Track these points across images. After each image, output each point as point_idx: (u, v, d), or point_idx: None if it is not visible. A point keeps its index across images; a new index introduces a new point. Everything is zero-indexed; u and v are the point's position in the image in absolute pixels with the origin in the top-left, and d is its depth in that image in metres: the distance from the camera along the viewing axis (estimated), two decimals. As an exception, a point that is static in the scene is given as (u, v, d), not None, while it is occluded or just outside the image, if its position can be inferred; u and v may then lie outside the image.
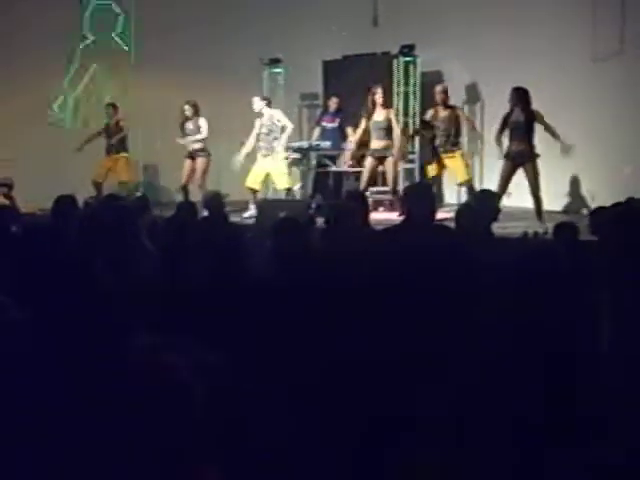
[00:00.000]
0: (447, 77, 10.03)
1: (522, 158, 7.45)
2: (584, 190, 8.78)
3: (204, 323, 2.47)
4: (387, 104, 8.47)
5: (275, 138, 8.88)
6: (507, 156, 7.53)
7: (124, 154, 9.50)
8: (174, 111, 9.33)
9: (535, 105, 7.60)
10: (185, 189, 9.04)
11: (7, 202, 6.82)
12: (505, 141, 7.63)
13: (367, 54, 10.47)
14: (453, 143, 8.30)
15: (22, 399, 1.59)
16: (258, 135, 8.93)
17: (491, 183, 7.86)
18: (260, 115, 8.98)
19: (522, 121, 7.46)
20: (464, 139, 8.89)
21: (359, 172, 9.26)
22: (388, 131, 8.36)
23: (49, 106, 10.67)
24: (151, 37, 10.41)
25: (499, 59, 9.59)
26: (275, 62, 10.74)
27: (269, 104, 9.11)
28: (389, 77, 9.88)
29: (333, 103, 9.95)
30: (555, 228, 4.53)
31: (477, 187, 8.39)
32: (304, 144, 9.76)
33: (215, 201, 5.72)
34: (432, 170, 8.43)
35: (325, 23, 10.83)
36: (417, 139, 9.99)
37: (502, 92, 8.98)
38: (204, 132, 9.08)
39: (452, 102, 8.67)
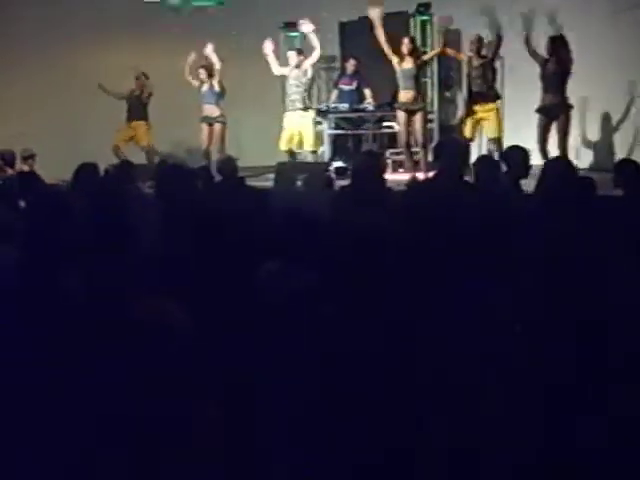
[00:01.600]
0: (465, 34, 9.89)
1: (557, 111, 7.41)
2: (602, 145, 8.68)
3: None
4: (416, 53, 8.29)
5: (305, 91, 8.78)
6: (542, 109, 7.50)
7: (143, 121, 9.55)
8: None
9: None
10: (207, 154, 9.07)
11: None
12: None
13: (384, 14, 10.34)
14: (492, 93, 8.02)
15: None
16: (290, 87, 8.85)
17: (512, 140, 7.81)
18: (292, 69, 8.90)
19: (557, 73, 7.43)
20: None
21: (378, 134, 9.25)
22: (416, 81, 8.23)
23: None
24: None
25: (516, 14, 9.44)
26: (291, 25, 10.67)
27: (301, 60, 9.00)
28: (406, 36, 9.75)
29: (351, 65, 9.85)
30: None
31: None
32: (322, 106, 9.74)
33: (228, 166, 5.75)
34: (468, 130, 8.08)
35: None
36: (436, 99, 9.93)
37: (521, 48, 8.90)
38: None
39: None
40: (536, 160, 7.51)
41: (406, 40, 8.17)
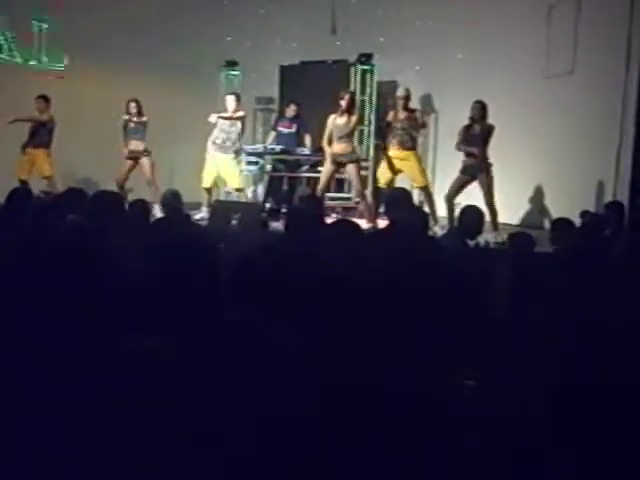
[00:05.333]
0: (402, 87, 10.12)
1: (476, 170, 7.65)
2: (533, 204, 8.96)
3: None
4: (351, 110, 8.37)
5: (229, 139, 8.86)
6: (463, 169, 7.75)
7: (43, 149, 8.97)
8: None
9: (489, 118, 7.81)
10: (122, 188, 8.90)
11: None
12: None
13: (324, 61, 10.52)
14: (410, 143, 8.17)
15: None
16: (220, 131, 8.89)
17: (443, 192, 8.00)
18: (225, 111, 8.95)
19: (478, 134, 7.71)
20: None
21: (312, 177, 9.31)
22: (350, 137, 8.31)
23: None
24: (104, 36, 10.27)
25: (454, 71, 9.77)
26: (232, 65, 10.74)
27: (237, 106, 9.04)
28: (346, 85, 9.93)
29: (291, 110, 9.83)
30: (509, 238, 4.63)
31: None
32: (259, 147, 9.76)
33: (174, 200, 5.64)
34: (383, 177, 8.26)
35: (283, 28, 10.88)
36: (371, 146, 10.09)
37: (456, 104, 9.17)
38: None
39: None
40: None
41: (347, 97, 8.23)
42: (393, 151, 8.17)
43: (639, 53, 7.43)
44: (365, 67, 10.15)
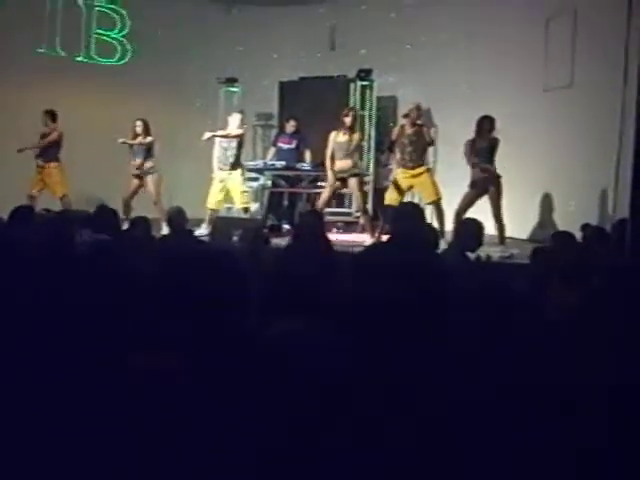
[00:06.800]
0: (402, 102, 10.18)
1: (487, 184, 7.64)
2: (533, 217, 8.96)
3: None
4: (353, 128, 8.39)
5: (232, 154, 8.88)
6: (472, 184, 7.72)
7: (54, 163, 8.96)
8: (125, 129, 9.19)
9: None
10: (128, 205, 8.92)
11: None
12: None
13: (324, 77, 10.57)
14: (420, 160, 8.05)
15: None
16: (220, 149, 8.91)
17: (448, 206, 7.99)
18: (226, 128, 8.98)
19: (486, 147, 7.69)
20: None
21: (312, 193, 9.32)
22: (352, 153, 8.29)
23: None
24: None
25: (453, 86, 9.81)
26: (231, 81, 10.78)
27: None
28: (346, 100, 9.97)
29: (290, 126, 9.84)
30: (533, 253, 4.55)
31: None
32: (259, 163, 9.78)
33: (179, 217, 5.65)
34: (391, 199, 7.95)
35: (283, 44, 10.93)
36: (371, 162, 10.11)
37: (455, 118, 9.20)
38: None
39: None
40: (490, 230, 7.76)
41: (350, 114, 8.24)
42: (403, 170, 8.00)
43: (637, 65, 7.45)
44: (364, 82, 10.19)
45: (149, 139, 9.02)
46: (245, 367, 1.90)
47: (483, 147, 7.73)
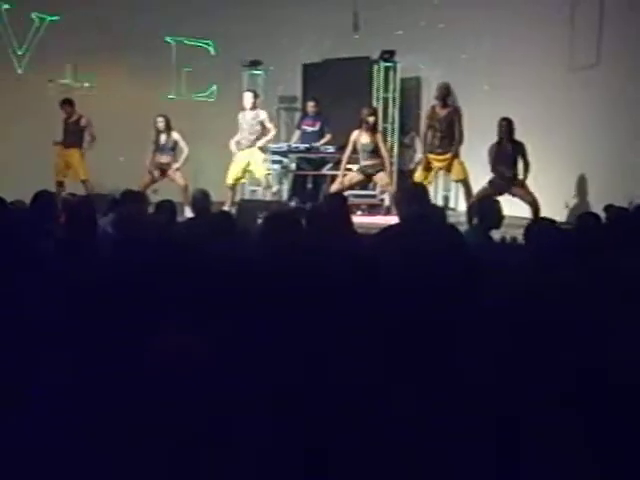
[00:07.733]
0: (425, 83, 10.13)
1: (504, 189, 7.51)
2: (561, 199, 8.88)
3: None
4: (375, 128, 8.46)
5: (257, 138, 8.87)
6: (491, 183, 7.62)
7: (77, 149, 9.08)
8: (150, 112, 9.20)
9: (512, 113, 7.74)
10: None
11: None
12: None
13: (347, 58, 10.52)
14: (451, 147, 8.03)
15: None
16: (242, 132, 8.89)
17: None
18: (244, 109, 8.96)
19: (510, 153, 7.59)
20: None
21: (336, 175, 9.31)
22: (375, 153, 8.40)
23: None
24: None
25: (477, 67, 9.71)
26: (255, 64, 10.78)
27: (255, 102, 9.05)
28: (369, 82, 9.93)
29: (310, 106, 9.82)
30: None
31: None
32: (283, 146, 9.78)
33: (204, 200, 5.67)
34: (419, 176, 8.13)
35: (306, 26, 10.89)
36: (395, 144, 10.09)
37: (479, 99, 9.13)
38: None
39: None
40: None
41: (371, 118, 8.28)
42: (434, 155, 8.09)
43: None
44: (388, 64, 10.14)
45: (175, 136, 8.92)
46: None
47: (506, 152, 7.59)
